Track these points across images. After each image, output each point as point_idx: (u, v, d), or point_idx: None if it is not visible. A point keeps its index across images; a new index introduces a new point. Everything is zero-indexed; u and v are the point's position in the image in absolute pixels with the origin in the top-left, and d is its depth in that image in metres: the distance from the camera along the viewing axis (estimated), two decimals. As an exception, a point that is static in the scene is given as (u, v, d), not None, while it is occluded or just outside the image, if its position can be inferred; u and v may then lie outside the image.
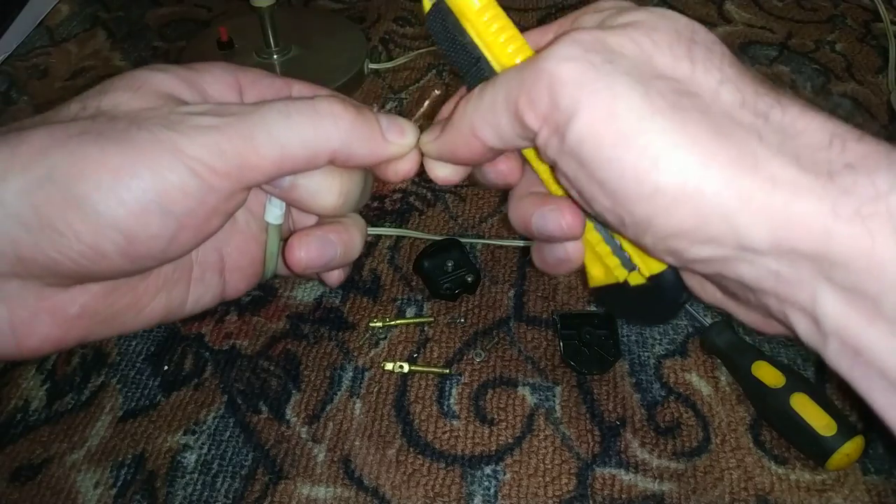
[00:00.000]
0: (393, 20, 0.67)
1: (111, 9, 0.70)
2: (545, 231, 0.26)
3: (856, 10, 0.67)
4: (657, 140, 0.19)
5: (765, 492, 0.35)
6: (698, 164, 0.19)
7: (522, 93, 0.22)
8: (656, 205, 0.20)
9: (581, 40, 0.21)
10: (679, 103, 0.20)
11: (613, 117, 0.20)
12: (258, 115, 0.24)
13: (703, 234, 0.19)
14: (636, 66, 0.21)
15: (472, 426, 0.37)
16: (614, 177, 0.20)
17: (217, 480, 0.35)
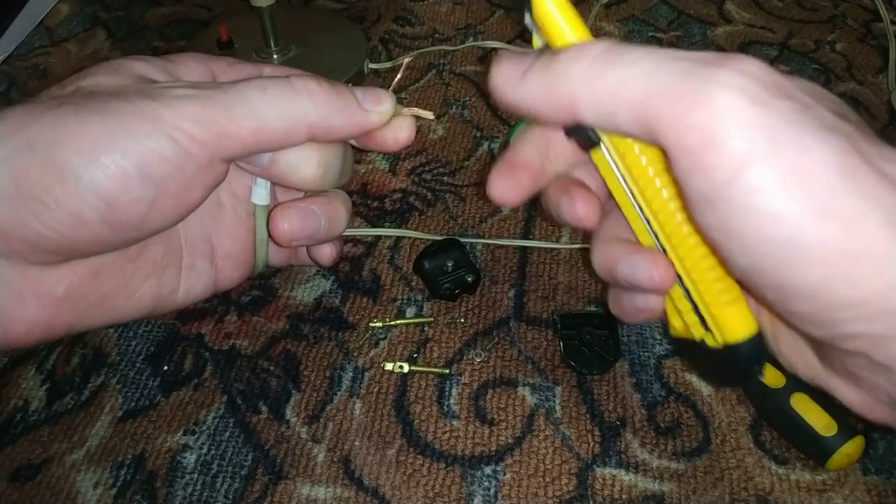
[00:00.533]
0: (393, 20, 0.67)
1: (111, 9, 0.70)
2: (633, 281, 0.24)
3: (856, 9, 0.67)
4: (848, 203, 0.18)
5: (765, 492, 0.35)
6: (889, 235, 0.18)
7: (672, 108, 0.19)
8: (837, 270, 0.18)
9: (762, 80, 0.19)
10: (868, 167, 0.18)
11: (799, 172, 0.18)
12: (236, 89, 0.25)
13: (876, 307, 0.18)
14: (824, 121, 0.19)
15: (472, 426, 0.37)
16: (791, 235, 0.18)
17: (217, 480, 0.35)
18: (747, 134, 0.18)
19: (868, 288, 0.18)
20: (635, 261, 0.24)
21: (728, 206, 0.19)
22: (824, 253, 0.18)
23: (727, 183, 0.18)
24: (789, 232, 0.18)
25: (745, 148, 0.18)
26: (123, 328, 0.42)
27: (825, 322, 0.19)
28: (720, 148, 0.18)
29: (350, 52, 0.60)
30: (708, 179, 0.19)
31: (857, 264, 0.18)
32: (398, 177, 0.51)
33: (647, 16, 0.67)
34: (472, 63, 0.62)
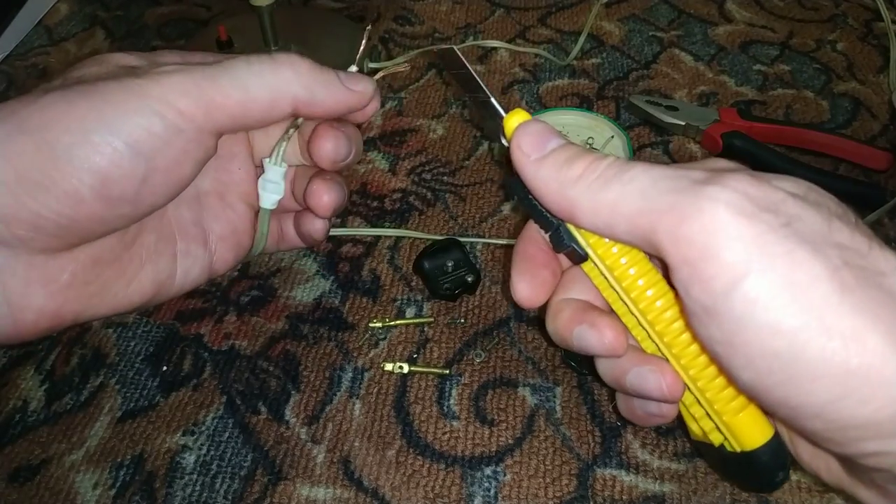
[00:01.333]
0: (393, 19, 0.66)
1: (110, 8, 0.70)
2: (641, 391, 0.24)
3: (857, 9, 0.67)
4: (849, 319, 0.18)
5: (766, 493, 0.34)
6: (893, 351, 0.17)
7: (667, 222, 0.20)
8: (843, 389, 0.18)
9: (752, 196, 0.19)
10: (864, 280, 0.18)
11: (796, 285, 0.18)
12: (221, 63, 0.25)
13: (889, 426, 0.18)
14: (815, 234, 0.19)
15: (473, 427, 0.37)
16: (794, 351, 0.18)
17: (216, 481, 0.35)
18: (740, 245, 0.19)
19: (878, 407, 0.18)
20: (643, 372, 0.24)
21: (729, 317, 0.19)
22: (828, 370, 0.18)
23: (725, 294, 0.19)
24: (790, 346, 0.18)
25: (740, 259, 0.18)
26: (122, 328, 0.42)
27: (841, 441, 0.19)
28: (715, 259, 0.19)
29: (349, 51, 0.60)
30: (707, 290, 0.19)
31: (863, 383, 0.18)
32: (398, 176, 0.51)
33: (647, 15, 0.67)
34: (473, 62, 0.61)
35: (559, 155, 0.23)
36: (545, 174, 0.23)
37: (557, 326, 0.26)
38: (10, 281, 0.24)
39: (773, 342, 0.18)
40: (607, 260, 0.24)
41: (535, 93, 0.58)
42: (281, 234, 0.34)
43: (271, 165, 0.31)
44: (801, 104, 0.57)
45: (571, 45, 0.62)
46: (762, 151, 0.50)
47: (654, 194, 0.20)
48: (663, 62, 0.61)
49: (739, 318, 0.19)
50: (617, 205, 0.21)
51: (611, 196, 0.21)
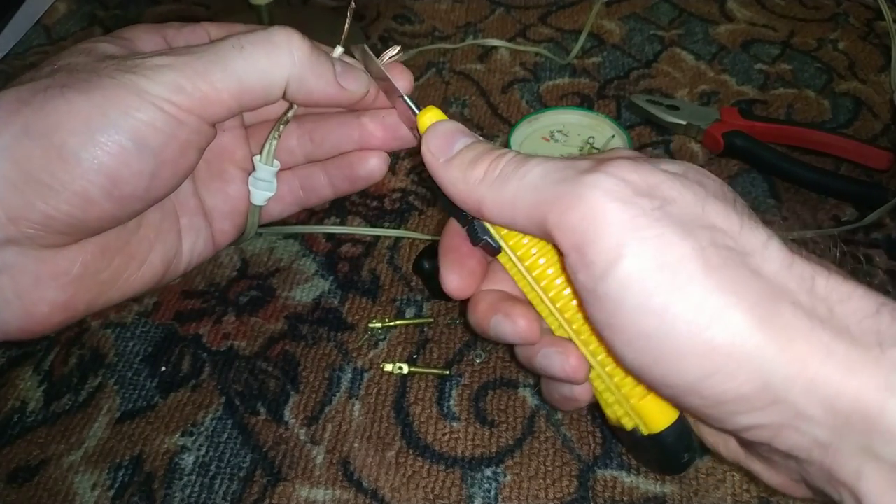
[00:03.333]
0: (392, 18, 0.66)
1: (109, 7, 0.69)
2: (548, 371, 0.25)
3: (858, 8, 0.67)
4: (713, 297, 0.18)
5: (767, 494, 0.34)
6: (754, 328, 0.18)
7: (554, 211, 0.21)
8: (712, 365, 0.19)
9: (630, 181, 0.20)
10: (731, 260, 0.19)
11: (664, 266, 0.19)
12: (212, 51, 0.25)
13: (760, 400, 0.18)
14: (687, 215, 0.20)
15: (473, 428, 0.37)
16: (663, 329, 0.19)
17: (215, 482, 0.35)
18: (613, 231, 0.19)
19: (742, 382, 0.18)
20: (549, 353, 0.25)
21: (607, 300, 0.20)
22: (695, 347, 0.19)
23: (603, 277, 0.20)
24: (660, 325, 0.19)
25: (612, 244, 0.19)
26: (121, 328, 0.41)
27: (719, 416, 0.20)
28: (594, 244, 0.20)
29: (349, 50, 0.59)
30: (589, 275, 0.20)
31: (727, 359, 0.18)
32: (398, 176, 0.51)
33: (648, 14, 0.67)
34: (473, 61, 0.61)
35: (464, 156, 0.24)
36: (452, 176, 0.24)
37: (476, 317, 0.27)
38: (21, 277, 0.24)
39: (645, 322, 0.19)
40: (518, 251, 0.26)
41: (535, 92, 0.58)
42: (301, 193, 0.33)
43: (262, 164, 0.30)
44: (803, 103, 0.57)
45: (572, 44, 0.62)
46: (763, 151, 0.50)
47: (544, 186, 0.21)
48: (664, 61, 0.61)
49: (616, 300, 0.20)
50: (515, 199, 0.22)
51: (510, 192, 0.22)
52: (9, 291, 0.23)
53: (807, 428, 0.18)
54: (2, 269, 0.23)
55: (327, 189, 0.33)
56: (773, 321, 0.18)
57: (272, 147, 0.30)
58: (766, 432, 0.19)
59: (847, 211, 0.47)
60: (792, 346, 0.18)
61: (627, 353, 0.20)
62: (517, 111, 0.56)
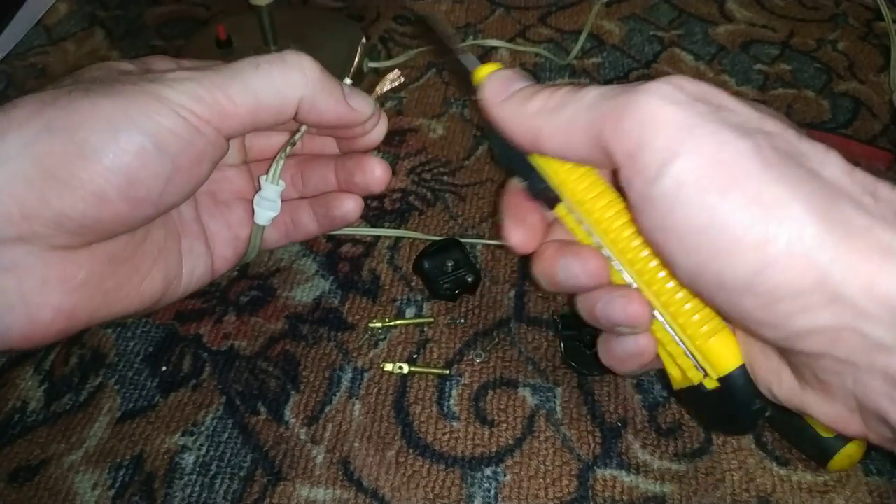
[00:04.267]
0: (392, 18, 0.66)
1: (109, 7, 0.69)
2: (610, 318, 0.25)
3: (857, 8, 0.67)
4: (770, 190, 0.18)
5: (766, 493, 0.34)
6: (813, 221, 0.18)
7: (610, 122, 0.21)
8: (768, 257, 0.18)
9: (684, 87, 0.20)
10: (791, 160, 0.19)
11: (721, 163, 0.19)
12: (230, 68, 0.26)
13: (817, 296, 0.18)
14: (744, 121, 0.20)
15: (473, 427, 0.37)
16: (718, 223, 0.19)
17: (216, 482, 0.35)
18: (669, 132, 0.19)
19: (801, 274, 0.18)
20: (611, 299, 0.25)
21: (662, 201, 0.20)
22: (751, 239, 0.18)
23: (657, 179, 0.20)
24: (715, 220, 0.19)
25: (668, 145, 0.19)
26: (122, 328, 0.41)
27: (774, 320, 0.19)
28: (648, 147, 0.20)
29: (349, 50, 0.59)
30: (642, 179, 0.20)
31: (785, 250, 0.18)
32: (398, 176, 0.51)
33: (648, 14, 0.67)
34: (472, 62, 0.61)
35: (522, 93, 0.25)
36: (509, 111, 0.25)
37: (542, 265, 0.27)
38: (27, 278, 0.24)
39: (700, 218, 0.19)
40: (576, 196, 0.25)
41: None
42: (292, 226, 0.34)
43: (268, 184, 0.31)
44: (802, 104, 0.57)
45: (572, 45, 0.62)
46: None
47: (600, 103, 0.21)
48: (664, 61, 0.61)
49: (671, 199, 0.19)
50: (572, 122, 0.22)
51: (566, 115, 0.22)
52: (13, 294, 0.23)
53: (868, 329, 0.18)
54: (9, 267, 0.23)
55: (312, 224, 0.34)
56: (832, 216, 0.18)
57: (279, 167, 0.31)
58: (824, 338, 0.19)
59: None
60: (852, 241, 0.18)
61: (681, 254, 0.20)
62: (517, 111, 0.56)
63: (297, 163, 0.34)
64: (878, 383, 0.18)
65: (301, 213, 0.34)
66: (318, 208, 0.34)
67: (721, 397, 0.25)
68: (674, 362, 0.26)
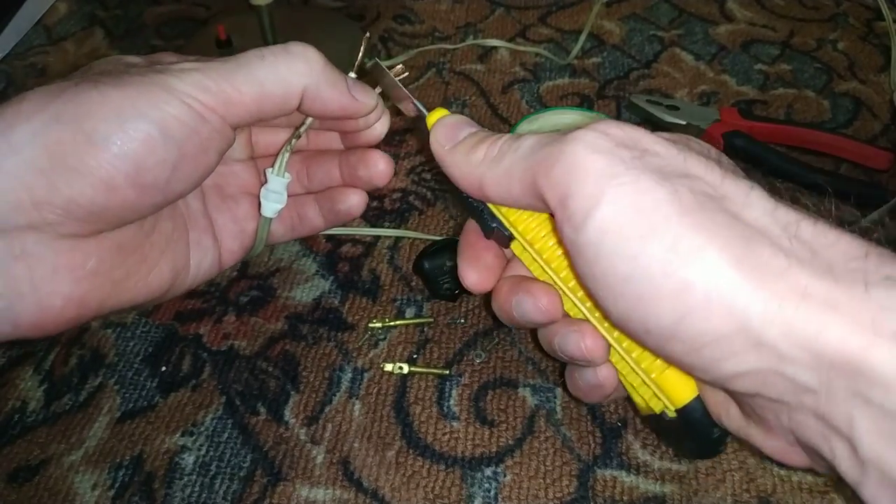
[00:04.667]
0: (392, 18, 0.66)
1: (109, 7, 0.69)
2: (566, 352, 0.26)
3: (858, 8, 0.67)
4: (687, 237, 0.18)
5: (767, 493, 0.34)
6: (730, 266, 0.18)
7: (542, 170, 0.22)
8: (686, 305, 0.18)
9: (612, 134, 0.21)
10: (708, 204, 0.19)
11: (640, 211, 0.19)
12: (235, 59, 0.26)
13: (739, 343, 0.18)
14: (666, 165, 0.20)
15: (473, 427, 0.37)
16: (639, 272, 0.19)
17: (215, 482, 0.35)
18: (592, 180, 0.20)
19: (720, 320, 0.18)
20: (567, 333, 0.25)
21: (588, 249, 0.20)
22: (671, 287, 0.19)
23: (582, 227, 0.20)
24: (636, 269, 0.19)
25: (591, 192, 0.20)
26: (121, 328, 0.41)
27: (701, 365, 0.19)
28: (574, 195, 0.20)
29: (349, 50, 0.59)
30: (571, 226, 0.21)
31: (703, 297, 0.18)
32: (398, 176, 0.51)
33: (648, 14, 0.67)
34: (473, 61, 0.61)
35: (468, 142, 0.26)
36: (456, 160, 0.26)
37: (499, 301, 0.28)
38: (37, 266, 0.24)
39: (623, 266, 0.19)
40: (528, 235, 0.26)
41: (535, 92, 0.58)
42: (297, 220, 0.35)
43: (274, 176, 0.31)
44: (803, 104, 0.57)
45: (572, 45, 0.62)
46: (763, 151, 0.50)
47: (533, 152, 0.22)
48: (664, 61, 0.61)
49: (595, 247, 0.20)
50: (510, 171, 0.23)
51: (505, 165, 0.23)
52: (24, 282, 0.24)
53: (792, 372, 0.18)
54: (20, 256, 0.24)
55: (318, 219, 0.35)
56: (748, 260, 0.18)
57: (285, 159, 0.31)
58: (752, 380, 0.19)
59: (847, 211, 0.47)
60: (768, 285, 0.18)
61: (609, 300, 0.20)
62: (517, 111, 0.56)
63: (302, 159, 0.34)
64: (810, 421, 0.18)
65: (306, 208, 0.35)
66: (323, 203, 0.34)
67: (682, 424, 0.25)
68: (636, 391, 0.26)
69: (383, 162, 0.32)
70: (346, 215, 0.34)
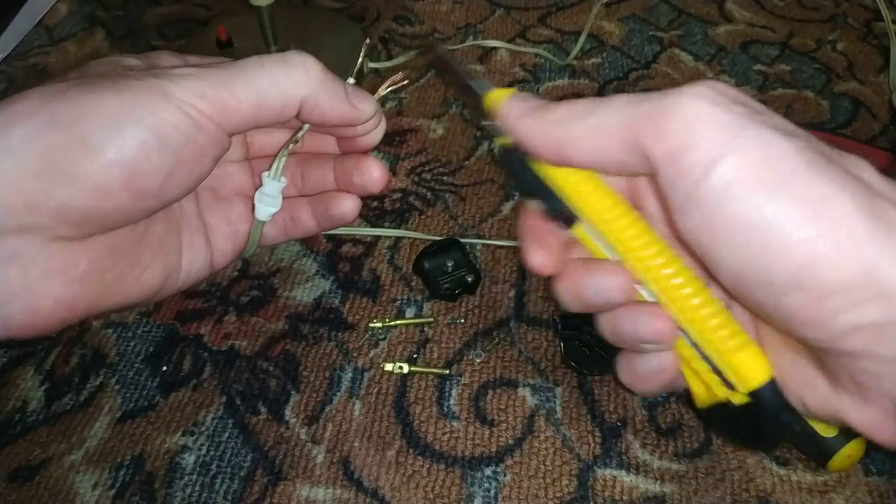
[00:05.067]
0: (392, 19, 0.66)
1: (110, 8, 0.70)
2: (635, 335, 0.25)
3: (857, 9, 0.67)
4: (818, 188, 0.19)
5: (766, 493, 0.34)
6: (860, 216, 0.18)
7: (649, 123, 0.21)
8: (816, 252, 0.18)
9: (723, 91, 0.21)
10: (833, 162, 0.19)
11: (767, 161, 0.19)
12: (235, 66, 0.26)
13: (864, 291, 0.18)
14: (783, 125, 0.20)
15: (473, 427, 0.37)
16: (768, 220, 0.19)
17: (216, 481, 0.35)
18: (715, 132, 0.20)
19: (850, 268, 0.18)
20: (637, 315, 0.25)
21: (709, 200, 0.20)
22: (802, 235, 0.19)
23: (704, 178, 0.20)
24: (764, 217, 0.19)
25: (715, 144, 0.20)
26: (122, 328, 0.41)
27: (819, 318, 0.19)
28: (694, 147, 0.20)
29: (350, 51, 0.60)
30: (688, 179, 0.20)
31: (835, 245, 0.18)
32: (398, 176, 0.51)
33: (647, 15, 0.67)
34: (473, 62, 0.61)
35: (542, 106, 0.25)
36: (532, 122, 0.25)
37: (568, 283, 0.27)
38: (29, 268, 0.24)
39: (749, 215, 0.19)
40: (597, 214, 0.25)
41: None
42: (290, 223, 0.35)
43: (269, 180, 0.31)
44: (802, 104, 0.57)
45: (571, 45, 0.62)
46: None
47: (635, 105, 0.22)
48: (663, 62, 0.61)
49: (718, 198, 0.20)
50: (602, 126, 0.22)
51: (595, 120, 0.22)
52: (16, 283, 0.24)
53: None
54: (12, 258, 0.24)
55: (311, 223, 0.34)
56: (877, 213, 0.18)
57: (281, 164, 0.31)
58: (868, 336, 0.19)
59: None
60: (894, 236, 0.18)
61: (727, 251, 0.20)
62: (517, 112, 0.56)
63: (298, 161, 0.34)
64: None
65: (300, 211, 0.35)
66: (316, 207, 0.34)
67: (751, 412, 0.24)
68: (699, 379, 0.26)
69: (378, 169, 0.32)
70: (339, 220, 0.34)
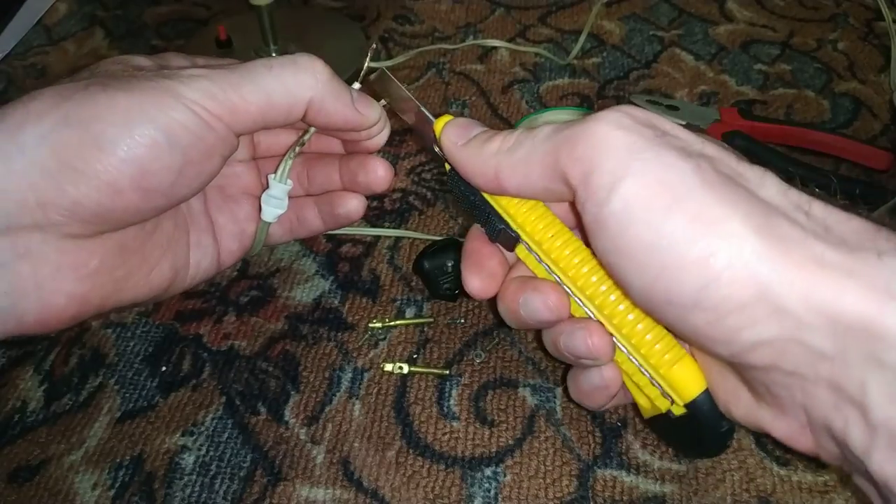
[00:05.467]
0: (392, 18, 0.66)
1: (109, 7, 0.69)
2: (574, 351, 0.26)
3: (858, 8, 0.67)
4: (710, 208, 0.19)
5: (766, 493, 0.34)
6: (751, 235, 0.19)
7: (565, 149, 0.22)
8: (710, 273, 0.19)
9: (633, 114, 0.22)
10: (728, 181, 0.20)
11: (664, 184, 0.20)
12: (244, 67, 0.27)
13: (760, 309, 0.19)
14: (687, 145, 0.21)
15: (473, 427, 0.37)
16: (663, 242, 0.20)
17: (215, 482, 0.35)
18: (617, 154, 0.21)
19: (743, 287, 0.19)
20: (573, 331, 0.26)
21: (611, 222, 0.21)
22: (695, 255, 0.19)
23: (607, 200, 0.21)
24: (660, 238, 0.20)
25: (616, 166, 0.21)
26: (122, 328, 0.41)
27: (722, 335, 0.20)
28: (598, 170, 0.21)
29: (349, 50, 0.59)
30: (594, 201, 0.21)
31: (727, 265, 0.19)
32: (398, 176, 0.51)
33: (648, 14, 0.67)
34: (473, 62, 0.61)
35: (480, 137, 0.26)
36: (469, 153, 0.26)
37: (505, 302, 0.28)
38: (41, 265, 0.24)
39: (648, 236, 0.20)
40: (534, 236, 0.26)
41: (535, 92, 0.58)
42: (297, 223, 0.35)
43: (276, 183, 0.31)
44: (802, 104, 0.57)
45: (572, 45, 0.62)
46: (763, 151, 0.50)
47: (554, 136, 0.23)
48: (664, 61, 0.61)
49: (620, 220, 0.20)
50: (529, 157, 0.24)
51: (523, 151, 0.24)
52: (29, 280, 0.24)
53: (810, 339, 0.18)
54: (24, 255, 0.24)
55: (317, 222, 0.35)
56: (769, 231, 0.19)
57: (287, 166, 0.31)
58: (771, 350, 0.19)
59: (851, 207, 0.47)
60: (788, 254, 0.18)
61: (631, 273, 0.21)
62: (517, 111, 0.56)
63: (304, 161, 0.34)
64: (823, 393, 0.19)
65: (306, 211, 0.35)
66: (322, 206, 0.34)
67: (689, 422, 0.25)
68: (641, 392, 0.27)
69: (383, 168, 0.32)
70: (344, 219, 0.34)
